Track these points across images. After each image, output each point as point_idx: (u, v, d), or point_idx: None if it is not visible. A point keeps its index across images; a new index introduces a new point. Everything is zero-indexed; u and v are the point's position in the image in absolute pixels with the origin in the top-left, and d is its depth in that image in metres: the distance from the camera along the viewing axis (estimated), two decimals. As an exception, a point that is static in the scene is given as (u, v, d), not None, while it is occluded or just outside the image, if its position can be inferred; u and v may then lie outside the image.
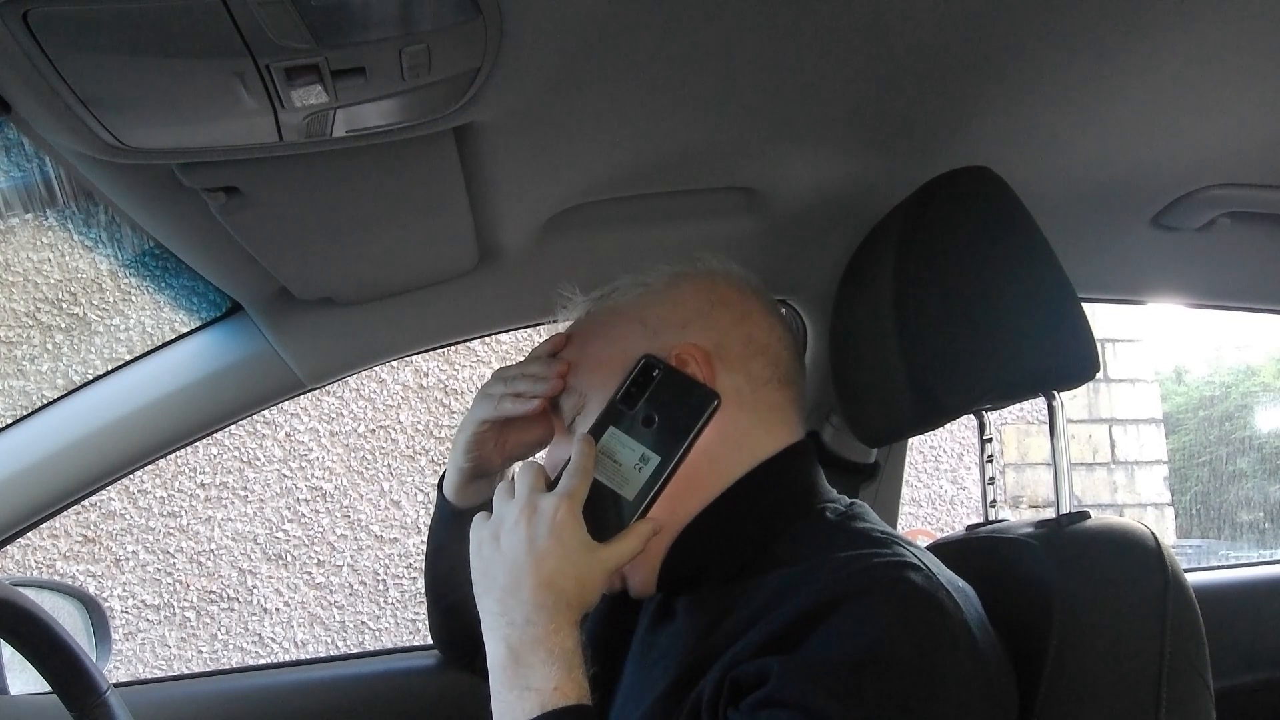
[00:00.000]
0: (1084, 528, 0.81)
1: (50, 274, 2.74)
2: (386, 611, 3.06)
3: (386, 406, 3.10)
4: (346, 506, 3.04)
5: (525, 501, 0.73)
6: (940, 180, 0.89)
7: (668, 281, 0.87)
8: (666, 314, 0.84)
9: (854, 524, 0.77)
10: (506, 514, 0.74)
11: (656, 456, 0.76)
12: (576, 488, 0.73)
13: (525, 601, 0.69)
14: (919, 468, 3.65)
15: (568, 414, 0.86)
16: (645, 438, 0.76)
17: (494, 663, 0.71)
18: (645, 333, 0.83)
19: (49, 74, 0.55)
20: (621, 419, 0.77)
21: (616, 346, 0.84)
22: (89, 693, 0.82)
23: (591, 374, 0.85)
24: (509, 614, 0.70)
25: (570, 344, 0.89)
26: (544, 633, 0.69)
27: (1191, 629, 0.76)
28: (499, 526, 0.74)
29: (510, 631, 0.70)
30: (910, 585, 0.66)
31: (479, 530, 0.75)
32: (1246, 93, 0.90)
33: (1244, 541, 4.12)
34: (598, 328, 0.88)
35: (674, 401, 0.77)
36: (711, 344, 0.81)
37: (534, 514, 0.72)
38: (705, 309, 0.84)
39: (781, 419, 0.83)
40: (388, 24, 0.56)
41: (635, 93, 0.80)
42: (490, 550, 0.73)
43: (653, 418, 0.77)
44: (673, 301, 0.85)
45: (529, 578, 0.70)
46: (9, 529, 1.08)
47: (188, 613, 2.89)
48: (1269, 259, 1.26)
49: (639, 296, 0.86)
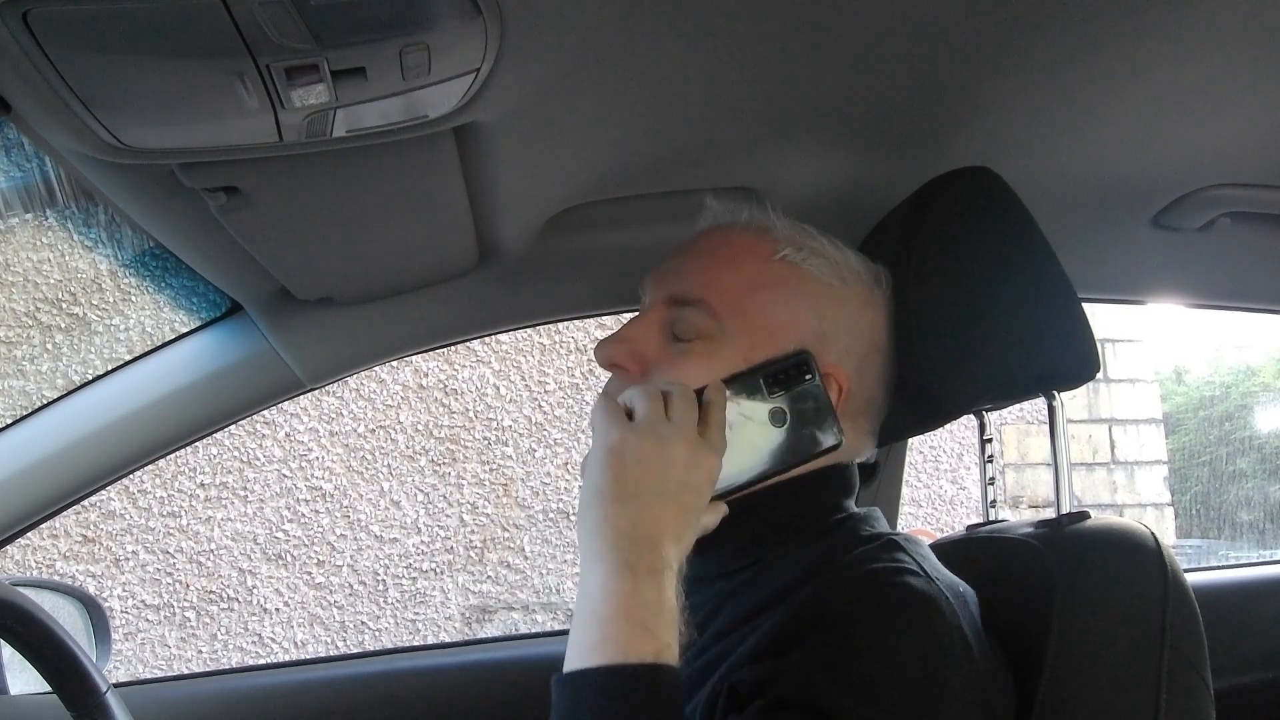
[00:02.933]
0: (1084, 528, 0.81)
1: (50, 274, 2.74)
2: (386, 611, 3.06)
3: (386, 406, 3.09)
4: (346, 506, 3.03)
5: (692, 440, 0.65)
6: (940, 180, 0.89)
7: (858, 301, 0.80)
8: (842, 332, 0.79)
9: (862, 528, 0.77)
10: (669, 438, 0.65)
11: (765, 459, 0.71)
12: (722, 448, 0.68)
13: (658, 543, 0.62)
14: (919, 468, 3.65)
15: (686, 328, 0.76)
16: (767, 432, 0.71)
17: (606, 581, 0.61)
18: (817, 331, 0.77)
19: (49, 74, 0.55)
20: (755, 396, 0.72)
21: (785, 319, 0.76)
22: (89, 693, 0.82)
23: (748, 322, 0.76)
24: (638, 546, 0.62)
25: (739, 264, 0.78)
26: (667, 585, 0.62)
27: (1191, 629, 0.75)
28: (655, 443, 0.64)
29: (636, 561, 0.61)
30: (910, 591, 0.66)
31: (621, 424, 0.66)
32: (1246, 93, 0.90)
33: (1244, 541, 4.12)
34: (779, 281, 0.78)
35: (807, 416, 0.72)
36: (853, 387, 0.79)
37: (695, 460, 0.65)
38: (867, 351, 0.80)
39: (855, 449, 0.82)
40: (388, 24, 0.56)
41: (635, 93, 0.80)
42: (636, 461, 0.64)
43: (784, 417, 0.72)
44: (852, 323, 0.80)
45: (670, 520, 0.63)
46: (9, 529, 1.08)
47: (188, 613, 2.89)
48: (1269, 259, 1.26)
49: (830, 289, 0.79)
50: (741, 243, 0.80)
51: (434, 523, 3.12)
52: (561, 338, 3.25)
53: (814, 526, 0.77)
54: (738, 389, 0.72)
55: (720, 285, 0.77)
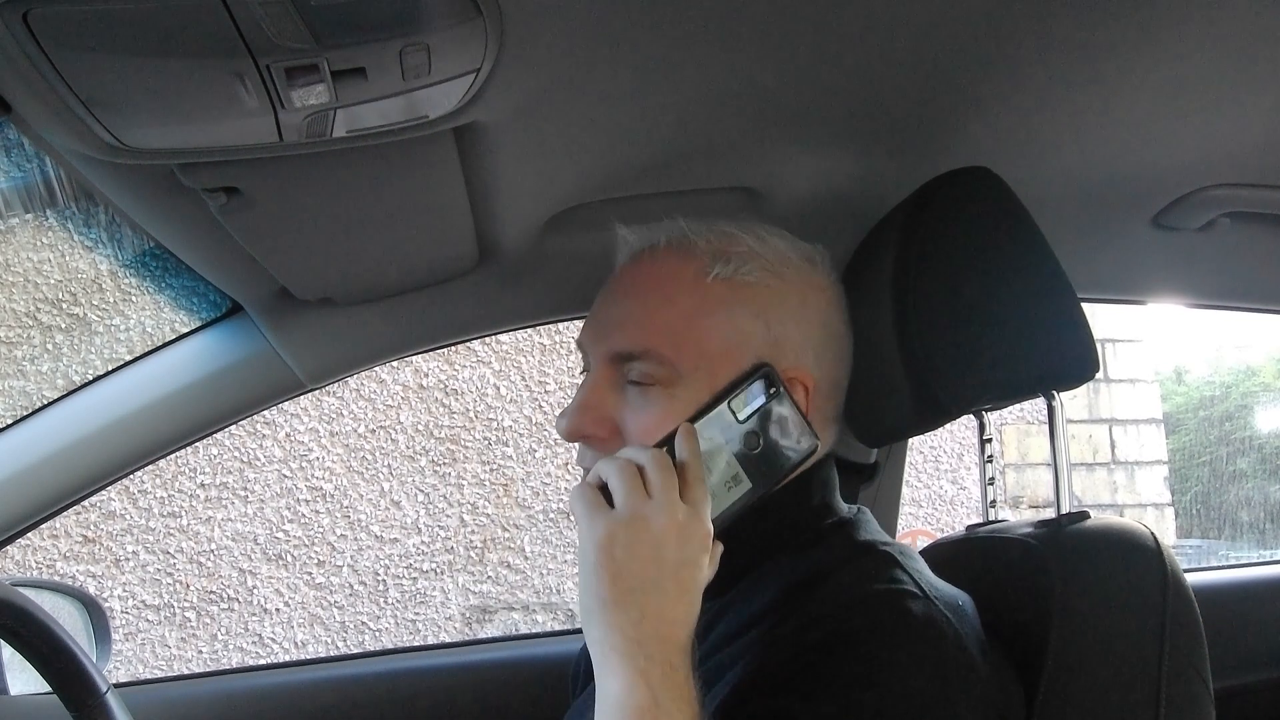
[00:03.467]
0: (1084, 528, 0.81)
1: (50, 274, 2.74)
2: (386, 611, 3.06)
3: (386, 406, 3.09)
4: (346, 506, 3.04)
5: (678, 514, 0.63)
6: (940, 180, 0.89)
7: (799, 290, 0.78)
8: (790, 328, 0.77)
9: (858, 535, 0.76)
10: (653, 519, 0.63)
11: (749, 483, 0.70)
12: (706, 504, 0.66)
13: (667, 639, 0.61)
14: (919, 468, 3.65)
15: (640, 375, 0.74)
16: (744, 458, 0.70)
17: (624, 694, 0.60)
18: (767, 338, 0.75)
19: (49, 74, 0.55)
20: (725, 425, 0.70)
21: (735, 338, 0.74)
22: (89, 693, 0.82)
23: (699, 354, 0.73)
24: (647, 645, 0.61)
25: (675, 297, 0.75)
26: (684, 680, 0.61)
27: (1191, 629, 0.76)
28: (641, 529, 0.63)
29: (649, 667, 0.60)
30: (911, 617, 0.65)
31: (604, 519, 0.64)
32: (1246, 93, 0.90)
33: (1244, 541, 4.12)
34: (719, 303, 0.75)
35: (781, 429, 0.71)
36: (817, 379, 0.77)
37: (685, 533, 0.63)
38: (821, 338, 0.79)
39: (825, 443, 0.81)
40: (388, 24, 0.56)
41: (635, 92, 0.80)
42: (628, 556, 0.62)
43: (758, 439, 0.70)
44: (800, 316, 0.77)
45: (672, 608, 0.62)
46: (9, 529, 1.08)
47: (188, 613, 2.89)
48: (1269, 259, 1.26)
49: (769, 290, 0.77)
50: (669, 272, 0.77)
51: (434, 523, 3.12)
52: (561, 338, 3.25)
53: (803, 535, 0.77)
54: (706, 425, 0.70)
55: (661, 327, 0.74)
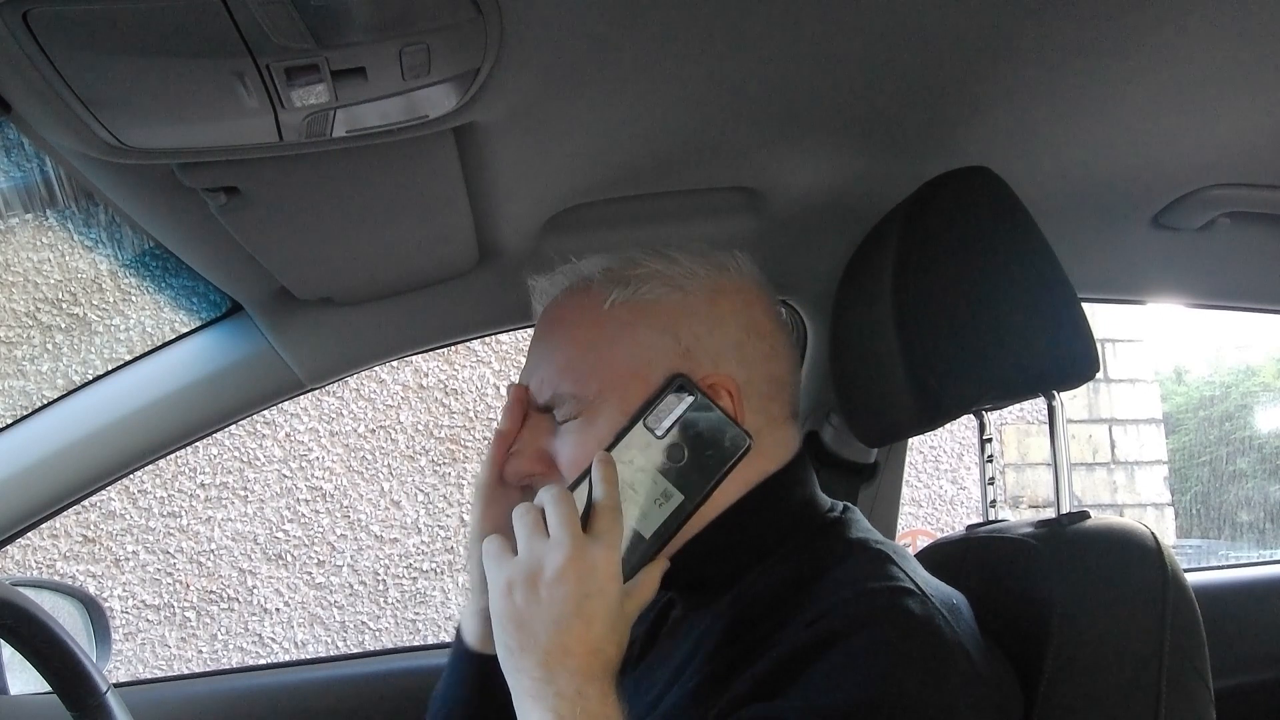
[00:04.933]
0: (1084, 528, 0.81)
1: (50, 274, 2.74)
2: (386, 611, 3.06)
3: (386, 406, 3.10)
4: (346, 506, 3.04)
5: (572, 550, 0.64)
6: (940, 180, 0.89)
7: (707, 296, 0.78)
8: (703, 334, 0.76)
9: (848, 534, 0.75)
10: (548, 559, 0.64)
11: (680, 495, 0.70)
12: (616, 532, 0.67)
13: (575, 671, 0.63)
14: (919, 468, 3.65)
15: (564, 410, 0.76)
16: (670, 471, 0.70)
17: None
18: (678, 350, 0.75)
19: (49, 74, 0.55)
20: (645, 444, 0.70)
21: (642, 356, 0.75)
22: (89, 693, 0.82)
23: (608, 379, 0.75)
24: (556, 682, 0.62)
25: (573, 332, 0.78)
26: (596, 706, 0.62)
27: (1191, 629, 0.76)
28: (537, 571, 0.64)
29: (559, 703, 0.62)
30: (908, 616, 0.64)
31: (505, 568, 0.66)
32: (1246, 93, 0.90)
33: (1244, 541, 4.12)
34: (620, 326, 0.76)
35: (704, 436, 0.71)
36: (742, 379, 0.76)
37: (583, 567, 0.64)
38: (741, 338, 0.77)
39: (785, 441, 0.80)
40: (388, 24, 0.56)
41: (635, 92, 0.80)
42: (527, 601, 0.64)
43: (681, 450, 0.70)
44: (711, 321, 0.77)
45: (579, 644, 0.63)
46: (9, 529, 1.08)
47: (188, 613, 2.89)
48: (1269, 259, 1.26)
49: (673, 303, 0.77)
50: (569, 309, 0.79)
51: (434, 523, 3.12)
52: (561, 338, 3.25)
53: (791, 536, 0.76)
54: (625, 448, 0.70)
55: (563, 366, 0.76)
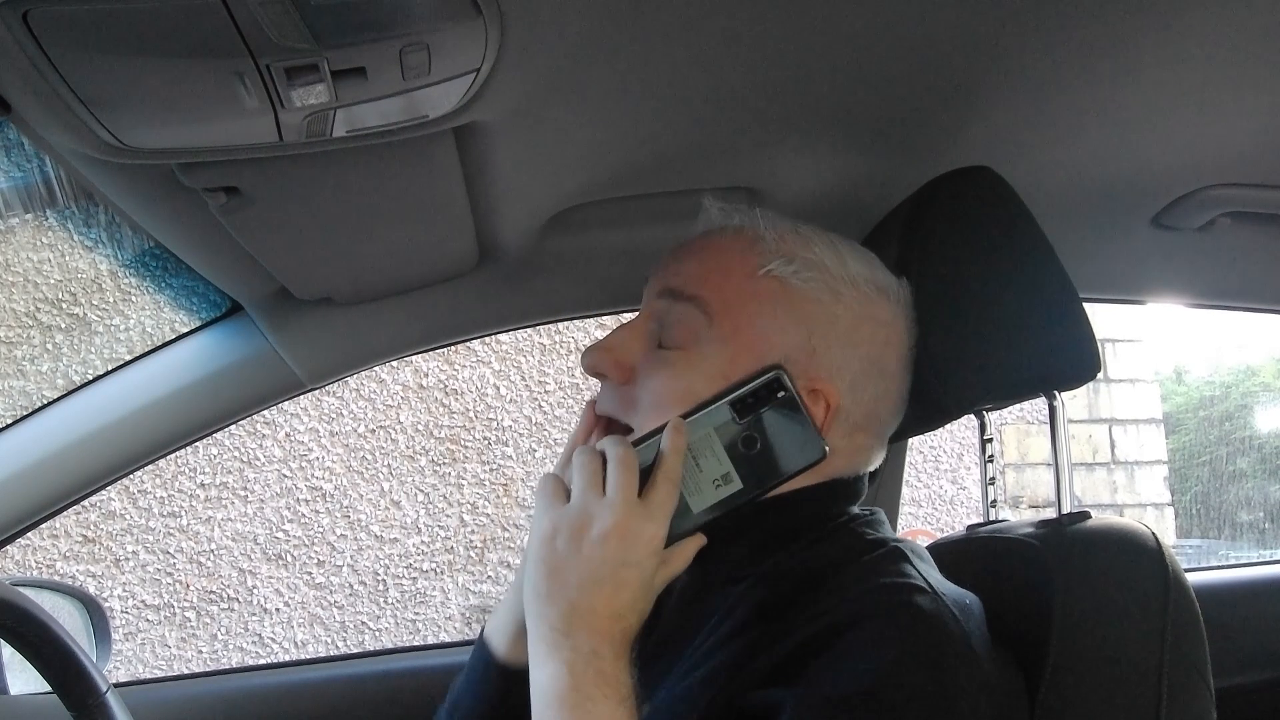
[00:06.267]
0: (1084, 528, 0.81)
1: (50, 274, 2.74)
2: (386, 611, 3.06)
3: (386, 406, 3.09)
4: (346, 506, 3.04)
5: (624, 514, 0.64)
6: (940, 180, 0.89)
7: (854, 315, 0.76)
8: (835, 348, 0.75)
9: (870, 532, 0.76)
10: (598, 517, 0.65)
11: (740, 483, 0.70)
12: (669, 505, 0.67)
13: (595, 631, 0.63)
14: (919, 468, 3.65)
15: (674, 333, 0.75)
16: (738, 457, 0.70)
17: (548, 682, 0.64)
18: (805, 346, 0.74)
19: (49, 74, 0.55)
20: (723, 421, 0.70)
21: (771, 334, 0.74)
22: (89, 693, 0.82)
23: (734, 332, 0.74)
24: (574, 636, 0.63)
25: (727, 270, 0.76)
26: (609, 667, 0.63)
27: (1191, 629, 0.76)
28: (585, 525, 0.65)
29: (574, 658, 0.63)
30: (917, 611, 0.65)
31: (552, 512, 0.66)
32: (1246, 93, 0.90)
33: (1244, 541, 4.12)
34: (767, 295, 0.75)
35: (782, 434, 0.70)
36: (845, 403, 0.75)
37: (630, 534, 0.64)
38: (865, 369, 0.76)
39: (862, 455, 0.79)
40: (388, 24, 0.56)
41: (635, 92, 0.80)
42: (567, 550, 0.65)
43: (755, 440, 0.70)
44: (846, 340, 0.76)
45: (605, 606, 0.63)
46: (9, 529, 1.08)
47: (188, 613, 2.89)
48: (1269, 259, 1.26)
49: (820, 305, 0.76)
50: (732, 252, 0.78)
51: (434, 523, 3.12)
52: (561, 338, 3.25)
53: (816, 531, 0.76)
54: (704, 417, 0.70)
55: (714, 288, 0.76)
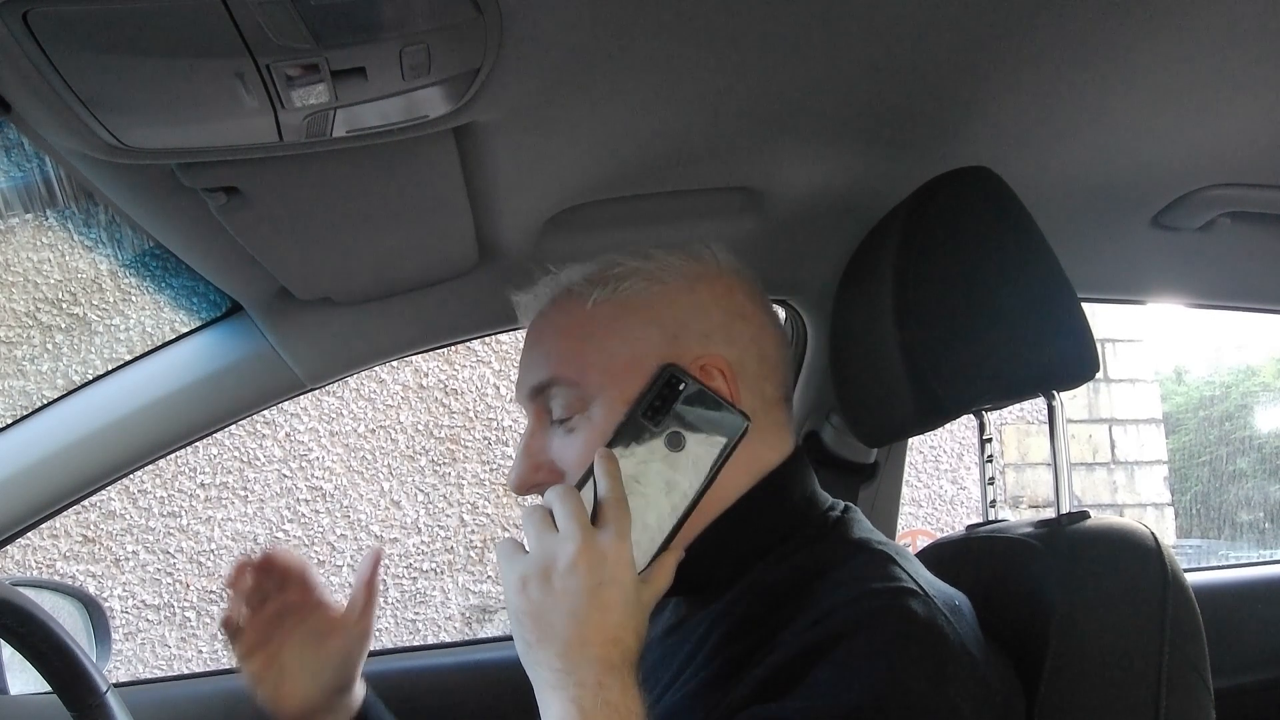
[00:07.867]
0: (1084, 528, 0.81)
1: (50, 274, 2.74)
2: (386, 611, 3.06)
3: (386, 406, 3.10)
4: (346, 506, 3.04)
5: (581, 540, 0.65)
6: (940, 180, 0.89)
7: (686, 284, 0.79)
8: (687, 320, 0.77)
9: (850, 534, 0.75)
10: (559, 552, 0.65)
11: (684, 482, 0.70)
12: (624, 522, 0.67)
13: (594, 660, 0.63)
14: (919, 468, 3.65)
15: (560, 409, 0.77)
16: (672, 460, 0.70)
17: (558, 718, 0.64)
18: (664, 338, 0.76)
19: (49, 74, 0.55)
20: (643, 435, 0.70)
21: (632, 348, 0.76)
22: (89, 693, 0.82)
23: (602, 373, 0.75)
24: (576, 672, 0.63)
25: (562, 334, 0.79)
26: (618, 697, 0.63)
27: (1191, 629, 0.76)
28: (549, 565, 0.65)
29: (581, 693, 0.62)
30: (911, 617, 0.64)
31: (517, 565, 0.67)
32: (1246, 93, 0.90)
33: (1244, 541, 4.13)
34: (607, 323, 0.78)
35: (702, 421, 0.71)
36: (732, 358, 0.76)
37: (594, 556, 0.65)
38: (725, 320, 0.78)
39: (781, 433, 0.80)
40: (388, 24, 0.56)
41: (635, 93, 0.80)
42: (541, 594, 0.65)
43: (680, 438, 0.70)
44: (693, 307, 0.78)
45: (597, 633, 0.63)
46: (9, 529, 1.08)
47: (188, 613, 2.89)
48: (1269, 259, 1.26)
49: (654, 295, 0.78)
50: (556, 317, 0.81)
51: (434, 523, 3.12)
52: (561, 338, 3.25)
53: (793, 535, 0.76)
54: (626, 440, 0.71)
55: (561, 357, 0.78)
